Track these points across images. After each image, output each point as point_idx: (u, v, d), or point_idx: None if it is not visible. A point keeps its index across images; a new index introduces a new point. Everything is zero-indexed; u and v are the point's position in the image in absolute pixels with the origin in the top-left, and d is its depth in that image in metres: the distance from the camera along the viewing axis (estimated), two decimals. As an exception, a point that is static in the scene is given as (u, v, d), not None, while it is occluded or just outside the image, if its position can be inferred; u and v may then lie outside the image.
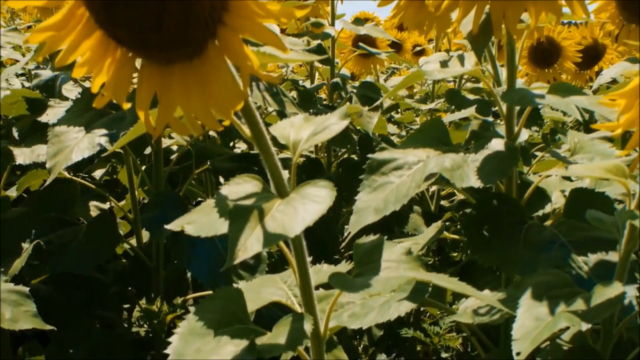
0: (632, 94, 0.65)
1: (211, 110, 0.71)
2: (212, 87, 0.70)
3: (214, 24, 0.68)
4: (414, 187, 1.07)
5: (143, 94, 0.73)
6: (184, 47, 0.70)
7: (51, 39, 0.74)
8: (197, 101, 0.71)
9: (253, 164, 1.78)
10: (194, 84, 0.71)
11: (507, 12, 1.03)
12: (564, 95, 1.12)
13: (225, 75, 0.70)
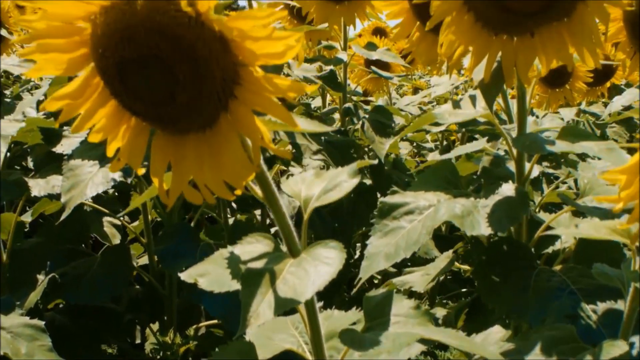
0: (632, 171, 0.66)
1: (223, 181, 0.72)
2: (224, 159, 0.71)
3: (225, 97, 0.69)
4: (425, 234, 1.08)
5: (157, 163, 0.74)
6: (197, 119, 0.71)
7: (67, 107, 0.75)
8: (210, 172, 0.72)
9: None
10: (206, 155, 0.72)
11: (519, 60, 1.03)
12: (573, 141, 1.13)
13: (237, 148, 0.71)
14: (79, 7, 0.69)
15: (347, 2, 1.93)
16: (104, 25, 0.67)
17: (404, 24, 1.44)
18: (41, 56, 0.72)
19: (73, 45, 0.72)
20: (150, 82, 0.68)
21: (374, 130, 2.02)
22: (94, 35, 0.69)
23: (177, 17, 0.64)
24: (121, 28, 0.66)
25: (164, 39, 0.65)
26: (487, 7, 1.00)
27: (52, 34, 0.70)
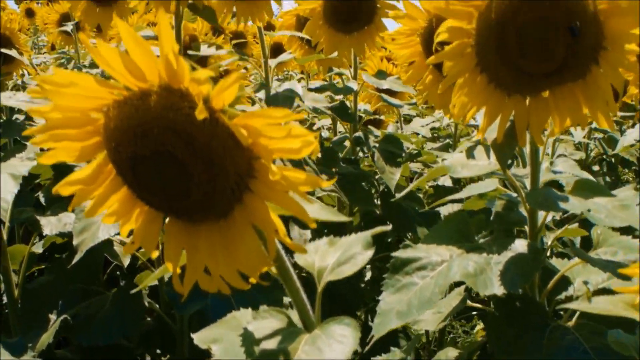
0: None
1: (237, 271, 0.72)
2: (239, 250, 0.71)
3: (240, 191, 0.69)
4: (437, 293, 1.08)
5: (171, 249, 0.74)
6: (211, 212, 0.71)
7: (80, 192, 0.75)
8: (224, 263, 0.72)
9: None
10: (220, 247, 0.72)
11: (532, 121, 1.03)
12: (587, 197, 1.12)
13: (251, 240, 0.71)
14: (92, 101, 0.68)
15: (357, 32, 1.93)
16: (117, 119, 0.67)
17: (416, 67, 1.44)
18: (54, 144, 0.72)
19: (86, 135, 0.72)
20: (164, 178, 0.68)
21: (384, 160, 2.01)
22: (106, 127, 0.69)
23: (191, 115, 0.64)
24: (134, 124, 0.65)
25: (177, 137, 0.64)
26: (501, 68, 0.99)
27: (65, 125, 0.70)
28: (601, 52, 0.97)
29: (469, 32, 1.00)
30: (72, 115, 0.70)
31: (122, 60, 0.63)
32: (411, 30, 1.39)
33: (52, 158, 0.73)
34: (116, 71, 0.65)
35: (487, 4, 0.98)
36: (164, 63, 0.63)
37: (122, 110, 0.66)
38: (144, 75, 0.65)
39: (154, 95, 0.65)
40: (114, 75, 0.65)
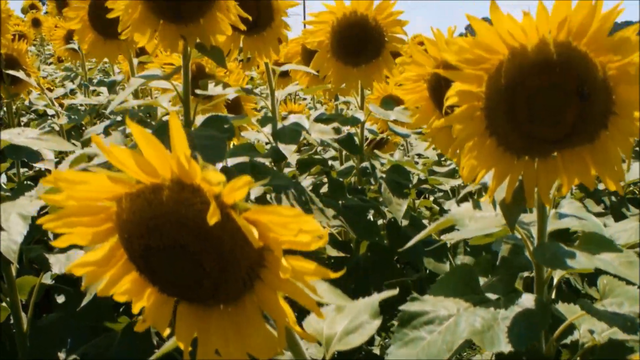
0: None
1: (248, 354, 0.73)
2: (249, 335, 0.72)
3: (251, 280, 0.70)
4: (445, 351, 1.08)
5: (182, 330, 0.75)
6: (222, 299, 0.72)
7: (92, 273, 0.76)
8: (234, 347, 0.72)
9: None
10: (231, 330, 0.73)
11: (540, 182, 1.03)
12: (594, 252, 1.12)
13: (262, 328, 0.71)
14: (106, 191, 0.69)
15: (365, 65, 1.93)
16: (129, 212, 0.68)
17: (423, 111, 1.44)
18: (68, 230, 0.72)
19: (98, 221, 0.73)
20: (176, 269, 0.68)
21: (391, 191, 2.02)
22: (119, 217, 0.70)
23: (203, 210, 0.64)
24: (147, 218, 0.66)
25: (189, 232, 0.65)
26: (511, 133, 1.00)
27: (77, 213, 0.71)
28: (611, 117, 0.97)
29: (478, 95, 1.01)
30: (85, 204, 0.70)
31: (135, 161, 0.64)
32: (418, 76, 1.39)
33: (65, 242, 0.74)
34: (130, 169, 0.65)
35: (497, 67, 0.98)
36: (177, 164, 0.64)
37: (135, 203, 0.67)
38: (157, 172, 0.66)
39: (166, 189, 0.66)
40: (128, 173, 0.66)
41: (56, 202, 0.70)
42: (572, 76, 0.95)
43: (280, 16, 1.76)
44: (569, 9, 0.94)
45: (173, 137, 0.63)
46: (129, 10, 1.51)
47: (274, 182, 1.65)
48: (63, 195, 0.70)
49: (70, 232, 0.72)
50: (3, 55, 2.93)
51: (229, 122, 1.57)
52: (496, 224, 1.20)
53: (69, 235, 0.73)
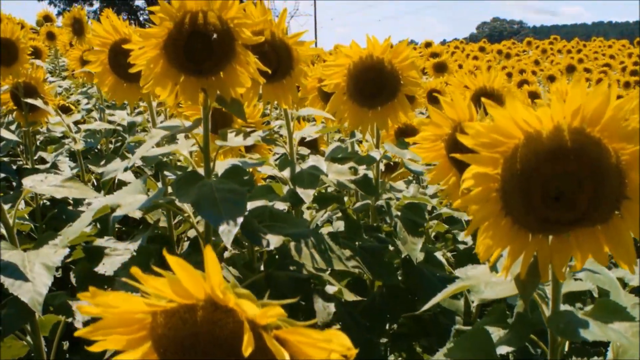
0: None
1: None
2: None
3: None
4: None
5: None
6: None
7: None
8: None
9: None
10: None
11: (554, 259, 1.06)
12: (607, 321, 1.15)
13: None
14: (142, 306, 0.73)
15: (380, 107, 1.96)
16: (165, 327, 0.71)
17: (440, 168, 1.47)
18: (103, 338, 0.76)
19: (133, 330, 0.76)
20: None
21: (406, 230, 2.05)
22: (154, 330, 0.73)
23: (236, 331, 0.68)
24: (182, 336, 0.70)
25: (223, 351, 0.68)
26: (525, 215, 1.02)
27: (112, 325, 0.75)
28: (623, 201, 1.00)
29: (494, 177, 1.03)
30: (121, 318, 0.74)
31: (171, 288, 0.68)
32: (435, 136, 1.42)
33: (100, 347, 0.78)
34: (166, 294, 0.69)
35: (513, 151, 1.01)
36: (211, 292, 0.67)
37: (170, 320, 0.70)
38: (191, 295, 0.69)
39: (200, 310, 0.69)
40: (165, 297, 0.70)
41: (93, 314, 0.73)
42: (586, 163, 0.97)
43: (300, 65, 1.79)
44: (583, 97, 0.97)
45: (208, 267, 0.66)
46: (151, 65, 1.55)
47: (293, 230, 1.69)
48: (99, 309, 0.74)
49: (105, 339, 0.76)
50: (22, 84, 2.98)
51: (248, 173, 1.60)
52: (511, 291, 1.23)
53: (104, 342, 0.76)
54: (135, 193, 1.70)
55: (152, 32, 1.51)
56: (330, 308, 1.88)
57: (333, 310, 1.87)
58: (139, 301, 0.70)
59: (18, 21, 6.95)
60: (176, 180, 1.59)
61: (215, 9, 1.51)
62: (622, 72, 11.11)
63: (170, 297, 0.70)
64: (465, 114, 1.38)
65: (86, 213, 1.64)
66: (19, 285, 1.53)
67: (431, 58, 6.71)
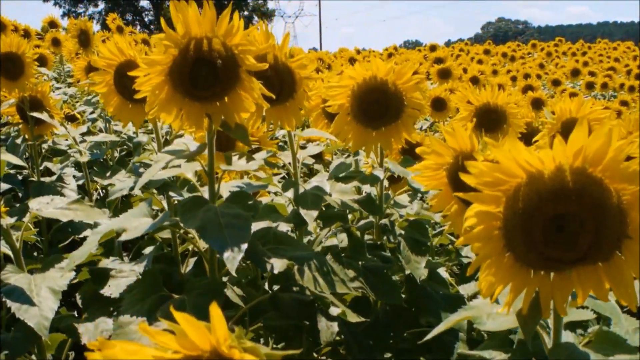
0: None
1: None
2: None
3: None
4: None
5: None
6: None
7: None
8: None
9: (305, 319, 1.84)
10: None
11: (556, 295, 1.07)
12: (608, 353, 1.16)
13: None
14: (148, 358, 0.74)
15: (384, 128, 1.97)
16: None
17: (442, 196, 1.48)
18: None
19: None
20: None
21: (410, 249, 2.06)
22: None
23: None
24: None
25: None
26: (527, 254, 1.03)
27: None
28: (625, 240, 1.00)
29: (496, 215, 1.04)
30: None
31: (179, 342, 0.69)
32: (437, 165, 1.43)
33: None
34: (173, 348, 0.70)
35: (515, 189, 1.02)
36: (217, 346, 0.68)
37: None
38: (198, 347, 0.70)
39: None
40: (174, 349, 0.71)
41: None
42: (588, 203, 0.98)
43: (303, 88, 1.80)
44: (585, 138, 0.98)
45: (214, 322, 0.67)
46: (156, 92, 1.56)
47: (297, 253, 1.70)
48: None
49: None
50: (27, 97, 3.00)
51: (252, 197, 1.61)
52: (513, 324, 1.24)
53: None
54: (140, 216, 1.71)
55: (157, 59, 1.52)
56: (334, 327, 1.89)
57: (336, 329, 1.89)
58: (145, 353, 0.72)
59: (24, 27, 6.96)
60: (181, 204, 1.60)
61: (219, 35, 1.52)
62: (627, 76, 11.10)
63: (176, 349, 0.71)
64: (467, 144, 1.39)
65: (92, 236, 1.65)
66: (25, 310, 1.55)
67: (435, 64, 6.72)
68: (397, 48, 16.01)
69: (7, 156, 1.88)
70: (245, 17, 58.19)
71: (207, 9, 1.51)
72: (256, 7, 60.01)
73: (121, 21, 8.83)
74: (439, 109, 4.89)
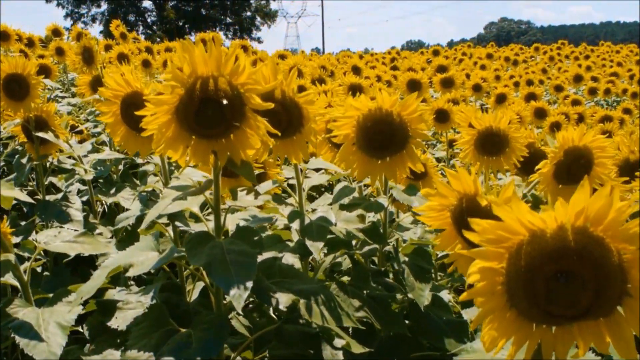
0: None
1: None
2: None
3: None
4: None
5: None
6: None
7: None
8: None
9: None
10: None
11: (558, 348, 1.09)
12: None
13: None
14: None
15: (389, 158, 1.98)
16: None
17: (447, 235, 1.50)
18: None
19: None
20: None
21: (414, 276, 2.08)
22: None
23: None
24: None
25: None
26: (529, 309, 1.05)
27: None
28: (625, 298, 1.02)
29: (499, 271, 1.06)
30: None
31: None
32: (442, 206, 1.45)
33: None
34: None
35: (518, 246, 1.04)
36: None
37: None
38: None
39: None
40: None
41: None
42: (589, 262, 1.00)
43: (310, 123, 1.82)
44: (586, 199, 1.00)
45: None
46: (163, 130, 1.58)
47: (302, 286, 1.72)
48: None
49: None
50: (33, 117, 3.02)
51: (258, 233, 1.63)
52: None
53: None
54: (147, 249, 1.73)
55: (164, 99, 1.54)
56: (339, 356, 1.91)
57: (341, 358, 1.91)
58: None
59: (27, 35, 6.99)
60: (187, 240, 1.62)
61: (225, 74, 1.54)
62: (630, 80, 11.11)
63: None
64: (471, 187, 1.41)
65: (100, 271, 1.67)
66: (33, 346, 1.57)
67: (438, 73, 6.74)
68: (400, 52, 16.01)
69: (13, 192, 1.90)
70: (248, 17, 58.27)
71: (214, 48, 1.53)
72: (259, 8, 60.01)
73: (125, 28, 8.85)
74: (442, 121, 4.91)
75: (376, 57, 15.12)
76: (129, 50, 6.29)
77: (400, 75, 8.35)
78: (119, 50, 6.07)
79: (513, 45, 21.09)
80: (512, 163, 2.48)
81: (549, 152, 2.12)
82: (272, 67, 1.73)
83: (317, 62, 8.87)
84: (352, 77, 5.32)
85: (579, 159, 2.11)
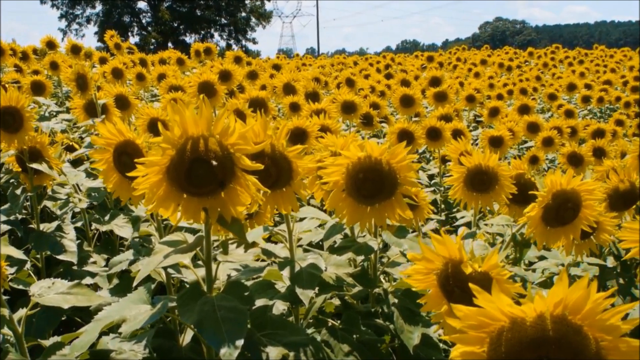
0: None
1: None
2: None
3: None
4: None
5: None
6: None
7: None
8: None
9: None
10: None
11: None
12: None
13: None
14: None
15: (379, 205, 2.01)
16: None
17: (433, 296, 1.53)
18: None
19: None
20: None
21: (403, 319, 2.10)
22: None
23: None
24: None
25: None
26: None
27: None
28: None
29: (480, 354, 1.09)
30: None
31: None
32: (428, 269, 1.48)
33: None
34: None
35: (499, 332, 1.07)
36: None
37: None
38: None
39: None
40: None
41: None
42: (567, 350, 1.03)
43: (300, 177, 1.85)
44: (565, 290, 1.03)
45: None
46: (154, 189, 1.60)
47: (292, 338, 1.75)
48: None
49: None
50: (27, 149, 3.04)
51: (249, 289, 1.66)
52: None
53: None
54: (139, 302, 1.76)
55: (155, 160, 1.56)
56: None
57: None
58: None
59: (22, 49, 7.00)
60: (179, 296, 1.65)
61: (215, 134, 1.57)
62: (624, 87, 11.15)
63: None
64: (456, 254, 1.44)
65: (94, 324, 1.70)
66: (28, 404, 1.59)
67: (431, 87, 6.76)
68: (394, 58, 16.03)
69: (7, 249, 1.93)
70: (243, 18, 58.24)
71: (204, 109, 1.56)
72: (254, 8, 60.00)
73: (119, 38, 8.87)
74: (434, 138, 4.94)
75: (370, 62, 15.16)
76: (123, 65, 6.31)
77: (394, 85, 8.40)
78: (113, 64, 6.10)
79: (507, 48, 21.17)
80: (501, 200, 2.51)
81: (538, 195, 2.15)
82: (262, 123, 1.75)
83: (310, 73, 8.89)
84: (346, 94, 5.35)
85: (566, 202, 2.14)
